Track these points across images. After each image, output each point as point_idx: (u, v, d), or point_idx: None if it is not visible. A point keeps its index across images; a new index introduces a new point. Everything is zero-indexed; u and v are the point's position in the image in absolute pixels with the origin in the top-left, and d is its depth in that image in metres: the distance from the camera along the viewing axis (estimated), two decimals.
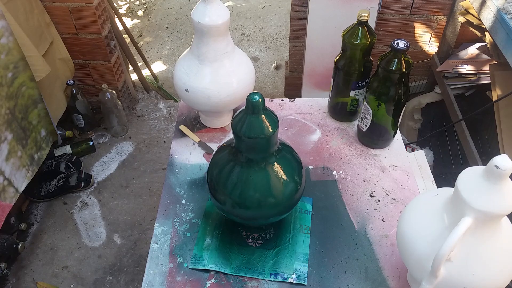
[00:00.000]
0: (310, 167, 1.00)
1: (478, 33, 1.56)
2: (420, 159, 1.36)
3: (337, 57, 1.01)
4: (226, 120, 1.11)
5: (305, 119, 1.12)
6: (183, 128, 1.10)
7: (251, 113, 0.70)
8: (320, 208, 0.92)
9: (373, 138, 1.02)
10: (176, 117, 1.14)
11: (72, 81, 1.91)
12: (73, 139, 2.05)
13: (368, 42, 0.94)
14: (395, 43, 0.86)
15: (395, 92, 0.90)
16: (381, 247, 0.85)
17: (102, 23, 1.86)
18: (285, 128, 1.10)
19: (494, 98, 1.37)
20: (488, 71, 1.51)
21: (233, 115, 1.11)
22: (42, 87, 1.68)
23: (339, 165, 1.01)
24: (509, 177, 0.55)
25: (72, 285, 1.53)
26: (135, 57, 2.23)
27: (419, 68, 1.89)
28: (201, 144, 1.06)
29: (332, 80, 1.05)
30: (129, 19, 3.03)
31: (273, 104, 1.17)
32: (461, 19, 1.62)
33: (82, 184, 1.81)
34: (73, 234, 1.68)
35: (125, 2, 3.21)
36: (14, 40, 1.44)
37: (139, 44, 2.58)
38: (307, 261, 0.82)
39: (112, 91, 1.97)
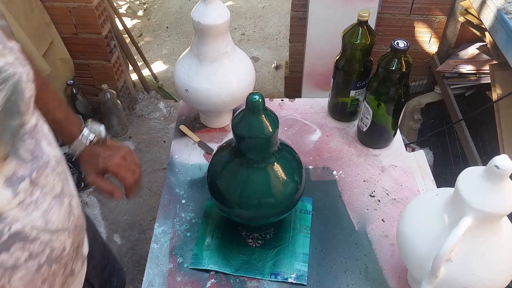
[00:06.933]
0: (310, 167, 1.00)
1: (478, 33, 1.56)
2: (420, 159, 1.36)
3: (337, 57, 1.01)
4: (226, 120, 1.11)
5: (305, 119, 1.12)
6: (183, 128, 1.10)
7: (251, 113, 0.69)
8: (320, 208, 0.92)
9: (373, 138, 1.02)
10: (176, 117, 1.14)
11: (72, 81, 1.91)
12: None
13: (368, 42, 0.94)
14: (395, 43, 0.86)
15: (395, 92, 0.90)
16: (381, 247, 0.85)
17: (102, 23, 1.86)
18: (285, 128, 1.10)
19: (494, 98, 1.37)
20: (488, 71, 1.51)
21: (233, 115, 1.11)
22: None
23: (339, 165, 1.01)
24: (509, 177, 0.55)
25: None
26: (135, 57, 2.23)
27: (419, 68, 1.89)
28: (201, 144, 1.06)
29: (332, 80, 1.05)
30: (129, 19, 3.03)
31: (273, 104, 1.17)
32: (461, 19, 1.62)
33: (82, 184, 1.81)
34: None
35: (125, 2, 3.21)
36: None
37: (139, 44, 2.58)
38: (307, 261, 0.82)
39: (112, 91, 1.97)
